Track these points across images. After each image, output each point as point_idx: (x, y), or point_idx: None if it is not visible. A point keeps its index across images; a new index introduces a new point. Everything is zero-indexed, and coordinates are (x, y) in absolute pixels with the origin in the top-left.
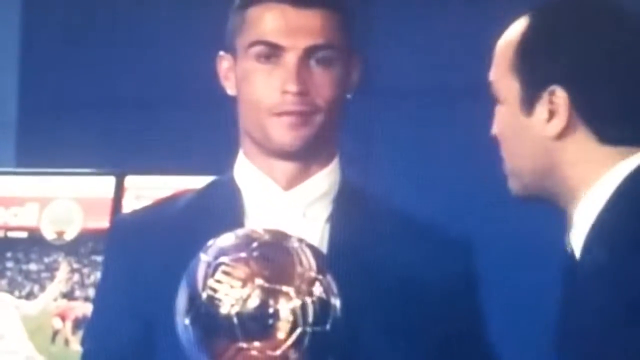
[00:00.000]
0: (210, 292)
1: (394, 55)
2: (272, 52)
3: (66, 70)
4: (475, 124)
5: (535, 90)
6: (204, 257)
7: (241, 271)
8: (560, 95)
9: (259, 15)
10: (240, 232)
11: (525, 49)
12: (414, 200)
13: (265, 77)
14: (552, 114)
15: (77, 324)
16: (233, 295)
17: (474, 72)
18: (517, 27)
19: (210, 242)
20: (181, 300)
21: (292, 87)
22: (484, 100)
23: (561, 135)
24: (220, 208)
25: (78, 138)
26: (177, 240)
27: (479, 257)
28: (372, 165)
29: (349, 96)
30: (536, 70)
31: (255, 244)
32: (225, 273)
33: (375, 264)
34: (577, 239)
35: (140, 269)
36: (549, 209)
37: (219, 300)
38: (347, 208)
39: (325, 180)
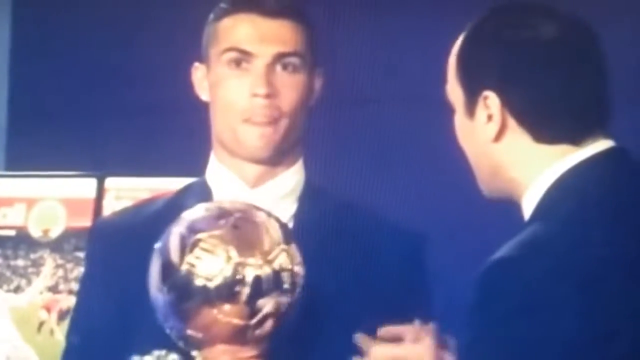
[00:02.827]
0: (189, 267)
1: (355, 66)
2: (243, 58)
3: (51, 80)
4: (431, 130)
5: (473, 96)
6: (176, 229)
7: (218, 247)
8: (493, 100)
9: (231, 26)
10: (210, 205)
11: (462, 57)
12: (377, 202)
13: (236, 82)
14: (489, 118)
15: (61, 315)
16: (210, 268)
17: (431, 82)
18: (461, 36)
19: (182, 215)
20: (155, 272)
21: (261, 90)
22: (440, 108)
23: (498, 137)
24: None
25: (62, 143)
26: (153, 240)
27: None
28: (336, 167)
29: (310, 104)
30: (471, 76)
31: (228, 219)
32: (203, 249)
33: (336, 255)
34: None
35: (118, 267)
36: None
37: (197, 274)
38: (310, 206)
39: (290, 179)
